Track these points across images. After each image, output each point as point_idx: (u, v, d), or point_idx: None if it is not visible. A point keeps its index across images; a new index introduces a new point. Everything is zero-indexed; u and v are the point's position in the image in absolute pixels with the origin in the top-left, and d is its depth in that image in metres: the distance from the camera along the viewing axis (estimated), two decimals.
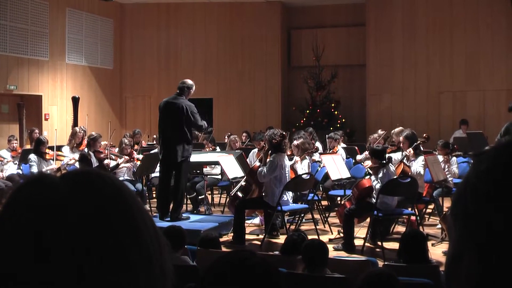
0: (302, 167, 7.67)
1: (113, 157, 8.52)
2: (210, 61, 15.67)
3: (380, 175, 6.41)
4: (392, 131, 9.06)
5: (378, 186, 6.37)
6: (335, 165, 7.70)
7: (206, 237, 4.73)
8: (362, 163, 8.95)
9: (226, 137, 11.57)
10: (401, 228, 7.28)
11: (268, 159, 6.76)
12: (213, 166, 9.07)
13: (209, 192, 9.91)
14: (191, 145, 7.26)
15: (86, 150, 8.57)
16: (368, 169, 7.41)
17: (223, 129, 14.69)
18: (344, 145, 10.49)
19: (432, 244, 6.40)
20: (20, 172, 8.91)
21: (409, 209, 6.81)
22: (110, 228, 0.72)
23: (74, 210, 0.71)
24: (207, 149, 9.78)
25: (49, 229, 0.69)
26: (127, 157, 8.49)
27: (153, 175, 9.07)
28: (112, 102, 15.72)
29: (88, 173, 0.77)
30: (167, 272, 0.76)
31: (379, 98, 14.55)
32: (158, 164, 8.89)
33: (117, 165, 8.46)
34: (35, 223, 0.69)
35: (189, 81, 7.35)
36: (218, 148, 10.13)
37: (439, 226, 7.24)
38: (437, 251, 6.10)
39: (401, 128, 8.69)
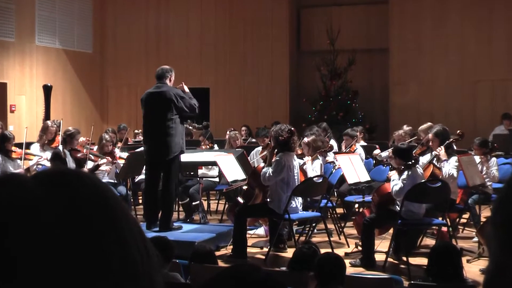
0: (314, 169, 7.67)
1: (93, 157, 8.53)
2: (207, 46, 15.68)
3: (404, 176, 6.40)
4: (420, 127, 9.06)
5: (397, 187, 6.36)
6: (353, 167, 7.70)
7: (201, 250, 4.74)
8: (383, 163, 8.94)
9: (227, 133, 11.59)
10: (430, 241, 7.27)
11: (273, 159, 6.76)
12: (209, 167, 9.08)
13: (205, 198, 9.92)
14: (184, 139, 7.28)
15: (60, 147, 8.58)
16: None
17: (222, 124, 14.71)
18: (363, 143, 10.49)
19: (468, 261, 6.38)
20: None
21: (440, 218, 6.80)
22: (90, 232, 0.72)
23: (48, 212, 0.71)
24: (203, 147, 9.79)
25: (18, 233, 0.69)
26: (109, 158, 8.49)
27: (139, 177, 9.07)
28: (91, 92, 15.75)
29: (65, 172, 0.77)
30: (157, 287, 0.76)
31: (404, 88, 14.53)
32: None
33: (97, 166, 8.47)
34: (1, 227, 0.69)
35: (168, 66, 7.50)
36: (216, 146, 10.13)
37: (476, 239, 7.22)
38: (473, 269, 6.08)
39: (430, 123, 8.69)
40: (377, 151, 9.49)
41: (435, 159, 7.28)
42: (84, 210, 0.73)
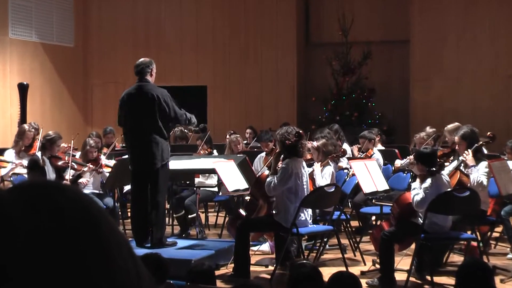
0: (325, 176, 7.67)
1: (75, 165, 8.54)
2: (204, 38, 15.71)
3: (426, 184, 6.40)
4: (445, 128, 9.05)
5: (418, 197, 6.37)
6: (369, 174, 7.70)
7: (198, 269, 4.74)
8: (403, 170, 8.94)
9: (227, 136, 11.60)
10: (457, 258, 7.26)
11: (279, 166, 6.77)
12: (207, 175, 9.09)
13: (202, 210, 9.92)
14: (168, 145, 7.29)
15: (39, 154, 8.60)
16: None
17: (221, 126, 14.73)
18: (381, 147, 10.49)
19: (501, 280, 6.39)
20: None
21: (469, 232, 6.79)
22: (73, 252, 0.72)
23: (26, 231, 0.72)
24: (201, 152, 9.80)
25: None
26: (92, 166, 8.50)
27: (127, 187, 9.08)
28: (73, 92, 15.79)
29: (44, 185, 0.78)
30: None
31: (427, 84, 14.54)
32: None
33: (79, 176, 8.48)
34: None
35: (145, 59, 7.42)
36: (215, 152, 10.15)
37: (510, 255, 7.22)
38: None
39: (456, 124, 8.67)
40: (398, 162, 9.46)
41: (462, 164, 7.27)
42: (66, 227, 0.74)
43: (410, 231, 6.54)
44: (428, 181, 6.43)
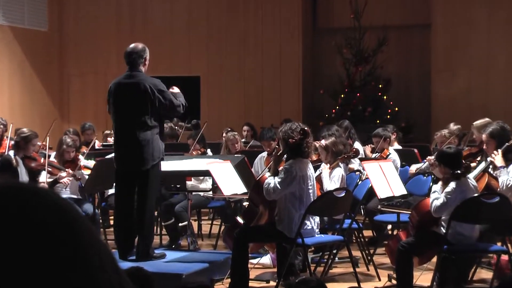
0: (334, 180, 7.68)
1: (51, 169, 8.53)
2: (197, 22, 15.71)
3: (449, 189, 6.41)
4: (473, 125, 9.05)
5: (438, 202, 6.37)
6: (384, 177, 7.71)
7: (190, 285, 4.75)
8: (424, 172, 8.94)
9: (223, 134, 11.60)
10: (486, 274, 7.27)
11: (281, 167, 6.77)
12: (201, 178, 9.09)
13: (195, 217, 9.92)
14: (163, 142, 7.31)
15: (11, 154, 8.60)
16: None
17: (216, 122, 14.71)
18: (398, 147, 10.50)
19: None
20: None
21: (499, 243, 6.79)
22: (50, 264, 0.74)
23: None
24: (193, 153, 9.82)
25: None
26: (71, 172, 8.49)
27: (110, 191, 9.10)
28: (47, 82, 15.80)
29: (18, 188, 0.79)
30: None
31: (451, 75, 14.55)
32: None
33: (56, 181, 8.46)
34: None
35: (138, 46, 7.36)
36: (209, 151, 10.16)
37: None
38: None
39: (486, 120, 8.67)
40: (414, 167, 9.41)
41: (490, 166, 7.28)
42: (42, 236, 0.75)
43: (431, 242, 6.55)
44: (452, 185, 6.44)
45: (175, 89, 7.39)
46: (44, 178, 8.42)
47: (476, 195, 6.50)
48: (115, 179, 7.45)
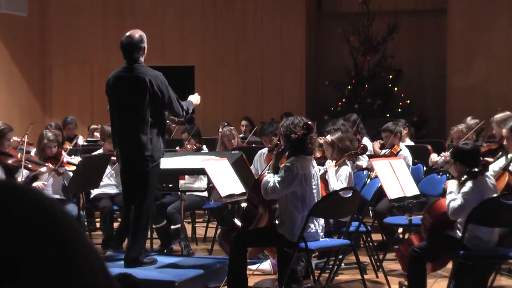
0: (340, 179, 7.69)
1: (30, 165, 8.54)
2: (191, 7, 15.70)
3: (466, 189, 6.41)
4: (493, 118, 9.05)
5: (455, 204, 6.37)
6: (395, 175, 7.71)
7: None
8: (438, 171, 8.95)
9: (220, 129, 11.60)
10: (506, 281, 7.28)
11: (282, 165, 6.77)
12: (195, 176, 9.10)
13: (189, 220, 9.92)
14: (164, 140, 7.34)
15: None
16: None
17: (212, 116, 14.74)
18: (410, 143, 10.50)
19: None
20: None
21: None
22: (32, 269, 0.74)
23: None
24: (189, 146, 9.81)
25: None
26: (51, 166, 8.50)
27: (96, 191, 9.11)
28: (27, 72, 15.78)
29: None
30: None
31: (469, 65, 14.55)
32: (108, 174, 8.96)
33: (35, 177, 8.47)
34: None
35: (135, 35, 7.31)
36: (204, 147, 10.16)
37: None
38: None
39: (507, 113, 8.67)
40: (434, 156, 9.39)
41: (511, 164, 7.28)
42: (23, 237, 0.76)
43: (446, 247, 6.54)
44: (468, 184, 6.44)
45: (195, 96, 7.76)
46: (21, 177, 8.41)
47: (495, 195, 6.50)
48: (121, 177, 7.54)
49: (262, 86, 15.48)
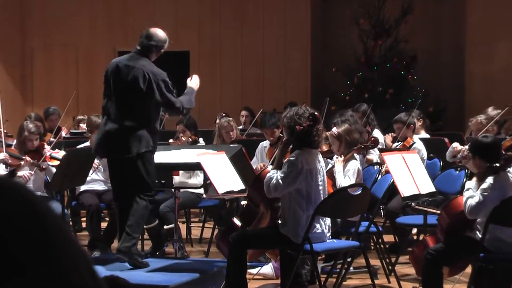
0: (348, 175, 7.70)
1: (9, 160, 8.54)
2: None
3: (486, 185, 6.42)
4: None
5: (472, 201, 6.37)
6: (408, 171, 7.72)
7: None
8: (456, 165, 8.95)
9: (217, 120, 11.60)
10: None
11: (285, 159, 6.78)
12: (190, 172, 9.09)
13: (183, 219, 9.93)
14: (156, 135, 7.41)
15: None
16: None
17: (208, 106, 14.74)
18: (425, 135, 10.51)
19: None
20: None
21: None
22: (19, 261, 0.75)
23: None
24: (183, 139, 9.81)
25: None
26: (31, 160, 8.50)
27: (82, 187, 9.13)
28: (6, 57, 15.77)
29: None
30: None
31: (490, 50, 14.55)
32: (94, 170, 8.97)
33: (13, 173, 8.46)
34: None
35: (160, 33, 7.52)
36: (200, 140, 10.17)
37: None
38: None
39: None
40: (457, 145, 9.32)
41: None
42: (7, 233, 0.77)
43: (465, 249, 6.54)
44: (489, 180, 6.44)
45: (193, 79, 7.71)
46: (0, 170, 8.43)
47: None
48: (111, 178, 7.62)
49: (263, 73, 15.47)
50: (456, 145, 9.31)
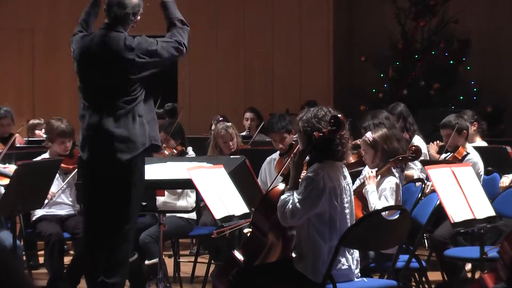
0: (385, 194, 7.68)
1: None
2: None
3: None
4: None
5: None
6: (460, 189, 7.69)
7: None
8: None
9: (212, 125, 11.61)
10: None
11: (302, 175, 6.74)
12: (178, 191, 9.09)
13: (170, 252, 9.92)
14: (156, 129, 7.45)
15: None
16: None
17: (202, 107, 14.77)
18: (482, 143, 10.48)
19: None
20: None
21: None
22: None
23: None
24: (167, 152, 9.82)
25: None
26: None
27: (40, 212, 9.11)
28: None
29: None
30: None
31: None
32: (59, 187, 8.96)
33: None
34: None
35: None
36: (190, 150, 10.17)
37: None
38: None
39: None
40: (506, 181, 9.39)
41: None
42: None
43: None
44: None
45: None
46: None
47: None
48: (83, 183, 7.55)
49: (273, 65, 15.49)
50: (504, 180, 9.30)
